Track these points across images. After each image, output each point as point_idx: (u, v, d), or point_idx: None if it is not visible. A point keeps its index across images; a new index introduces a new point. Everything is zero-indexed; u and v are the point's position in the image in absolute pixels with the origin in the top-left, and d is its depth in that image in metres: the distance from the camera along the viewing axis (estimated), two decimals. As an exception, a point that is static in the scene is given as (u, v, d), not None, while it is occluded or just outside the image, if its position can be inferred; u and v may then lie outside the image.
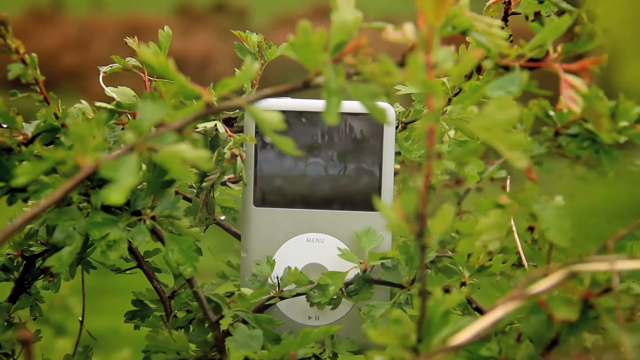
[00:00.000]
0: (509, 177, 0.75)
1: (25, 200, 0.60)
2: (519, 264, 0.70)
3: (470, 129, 0.45)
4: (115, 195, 0.41)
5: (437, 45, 0.42)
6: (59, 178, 0.57)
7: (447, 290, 0.66)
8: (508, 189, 0.74)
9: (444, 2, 0.40)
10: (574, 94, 0.45)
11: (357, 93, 0.44)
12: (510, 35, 0.61)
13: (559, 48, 0.50)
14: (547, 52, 0.50)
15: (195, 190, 0.72)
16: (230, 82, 0.45)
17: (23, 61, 0.61)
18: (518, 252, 0.68)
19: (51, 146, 0.62)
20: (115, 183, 0.42)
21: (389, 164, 0.67)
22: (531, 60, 0.49)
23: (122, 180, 0.42)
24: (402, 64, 0.43)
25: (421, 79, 0.41)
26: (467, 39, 0.56)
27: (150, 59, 0.44)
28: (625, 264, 0.42)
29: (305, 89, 0.46)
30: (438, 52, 0.42)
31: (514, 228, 0.66)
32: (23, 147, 0.59)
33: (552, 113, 0.80)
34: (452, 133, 0.71)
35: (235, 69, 0.60)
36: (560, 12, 0.59)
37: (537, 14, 0.58)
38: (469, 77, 0.67)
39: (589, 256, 0.44)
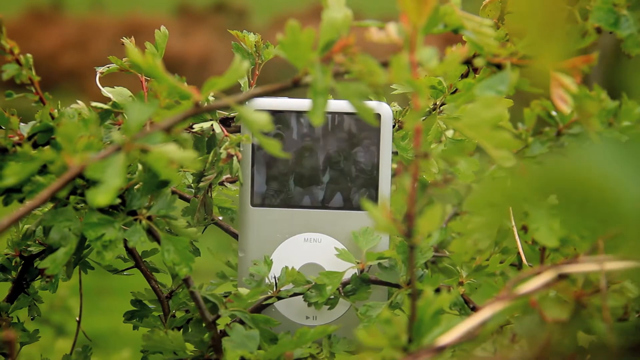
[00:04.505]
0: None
1: (21, 201, 0.60)
2: (519, 264, 0.69)
3: (459, 127, 0.45)
4: (101, 196, 0.41)
5: (421, 44, 0.42)
6: (55, 178, 0.57)
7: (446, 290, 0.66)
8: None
9: (426, 1, 0.40)
10: (563, 93, 0.45)
11: (346, 92, 0.44)
12: (507, 34, 0.61)
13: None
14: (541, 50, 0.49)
15: (193, 190, 0.72)
16: (218, 81, 0.45)
17: (18, 62, 0.61)
18: (518, 252, 0.67)
19: (47, 147, 0.62)
20: (102, 184, 0.42)
21: (386, 164, 0.67)
22: (523, 58, 0.48)
23: (109, 181, 0.42)
24: (385, 63, 0.43)
25: (406, 78, 0.41)
26: (464, 38, 0.56)
27: (138, 59, 0.44)
28: (614, 264, 0.42)
29: (294, 88, 0.46)
30: (422, 52, 0.41)
31: (514, 228, 0.65)
32: (18, 148, 0.59)
33: (554, 113, 0.79)
34: (450, 133, 0.71)
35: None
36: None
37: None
38: (465, 76, 0.67)
39: (579, 256, 0.44)
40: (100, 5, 8.37)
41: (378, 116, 0.66)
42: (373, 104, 0.66)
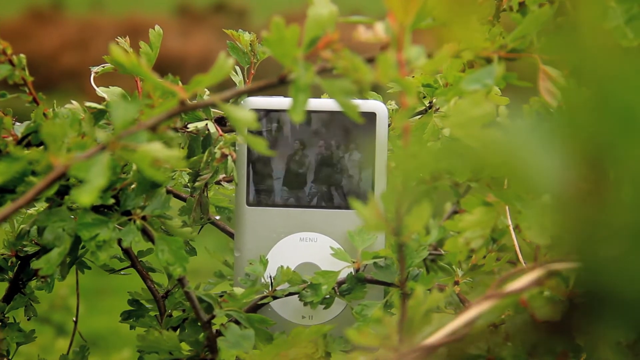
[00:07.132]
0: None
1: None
2: (516, 262, 0.69)
3: (449, 125, 0.44)
4: (85, 196, 0.41)
5: (408, 42, 0.41)
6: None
7: (440, 289, 0.66)
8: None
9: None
10: (551, 85, 0.45)
11: (331, 89, 0.43)
12: (502, 32, 0.60)
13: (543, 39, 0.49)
14: (531, 43, 0.49)
15: (189, 190, 0.71)
16: (204, 79, 0.44)
17: (10, 62, 0.61)
18: (515, 250, 0.67)
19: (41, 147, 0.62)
20: (86, 184, 0.42)
21: (382, 162, 0.66)
22: (512, 51, 0.48)
23: (93, 180, 0.42)
24: (371, 59, 0.42)
25: (393, 76, 0.41)
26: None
27: (121, 58, 0.43)
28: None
29: (281, 84, 0.46)
30: (410, 50, 0.41)
31: (510, 226, 0.65)
32: (9, 148, 0.59)
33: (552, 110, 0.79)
34: (446, 131, 0.70)
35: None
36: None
37: (522, 5, 0.57)
38: (462, 72, 0.66)
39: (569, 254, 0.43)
40: (100, 5, 8.40)
41: (373, 115, 0.66)
42: (368, 103, 0.66)
